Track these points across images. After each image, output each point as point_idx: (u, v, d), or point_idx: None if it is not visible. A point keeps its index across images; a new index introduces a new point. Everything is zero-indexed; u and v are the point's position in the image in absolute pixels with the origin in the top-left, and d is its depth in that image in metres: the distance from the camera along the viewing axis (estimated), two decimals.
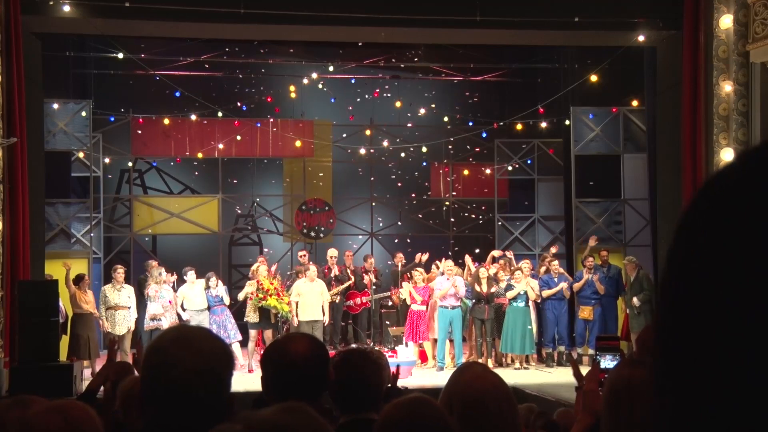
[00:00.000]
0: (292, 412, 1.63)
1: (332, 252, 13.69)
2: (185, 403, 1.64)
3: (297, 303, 12.07)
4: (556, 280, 12.61)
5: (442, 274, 12.34)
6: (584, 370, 2.87)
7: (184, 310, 12.14)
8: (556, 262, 12.86)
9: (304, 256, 13.27)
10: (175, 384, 1.65)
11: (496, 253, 13.60)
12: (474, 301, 12.29)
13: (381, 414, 1.95)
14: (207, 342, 1.77)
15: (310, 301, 12.12)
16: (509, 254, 13.70)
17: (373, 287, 13.56)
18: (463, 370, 2.28)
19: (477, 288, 12.15)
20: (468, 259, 13.04)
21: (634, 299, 12.35)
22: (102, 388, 3.75)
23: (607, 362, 2.46)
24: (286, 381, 2.39)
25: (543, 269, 13.04)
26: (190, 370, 1.66)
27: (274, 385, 2.42)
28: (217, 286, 12.31)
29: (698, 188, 0.62)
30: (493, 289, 12.21)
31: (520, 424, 2.09)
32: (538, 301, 12.47)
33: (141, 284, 12.50)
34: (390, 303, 13.79)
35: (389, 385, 3.15)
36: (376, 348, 10.45)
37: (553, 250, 13.82)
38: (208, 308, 12.23)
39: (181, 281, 12.49)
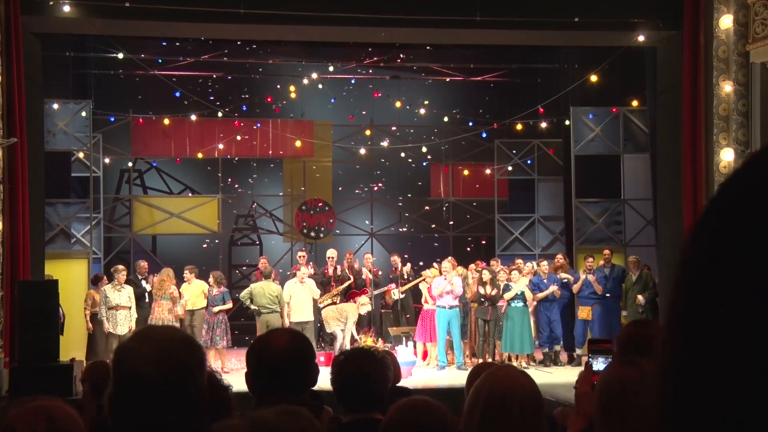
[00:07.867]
0: (291, 415, 1.64)
1: (331, 252, 13.64)
2: (142, 391, 1.64)
3: (288, 304, 11.99)
4: (546, 281, 12.59)
5: (441, 274, 12.33)
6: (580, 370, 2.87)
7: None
8: (545, 263, 12.85)
9: (303, 257, 13.23)
10: (131, 373, 1.66)
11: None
12: (477, 302, 12.29)
13: (387, 415, 1.93)
14: (165, 333, 1.77)
15: (300, 302, 12.02)
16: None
17: (372, 285, 13.54)
18: (496, 368, 2.28)
19: (482, 290, 12.15)
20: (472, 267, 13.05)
21: (639, 297, 12.34)
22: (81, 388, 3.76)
23: (599, 365, 2.46)
24: (266, 375, 2.37)
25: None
26: (144, 358, 1.66)
27: (256, 379, 2.41)
28: (220, 286, 12.27)
29: (722, 183, 0.63)
30: (493, 292, 12.20)
31: (544, 427, 2.07)
32: (535, 302, 12.46)
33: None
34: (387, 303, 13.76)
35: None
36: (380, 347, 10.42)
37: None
38: (206, 308, 12.17)
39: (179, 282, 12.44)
